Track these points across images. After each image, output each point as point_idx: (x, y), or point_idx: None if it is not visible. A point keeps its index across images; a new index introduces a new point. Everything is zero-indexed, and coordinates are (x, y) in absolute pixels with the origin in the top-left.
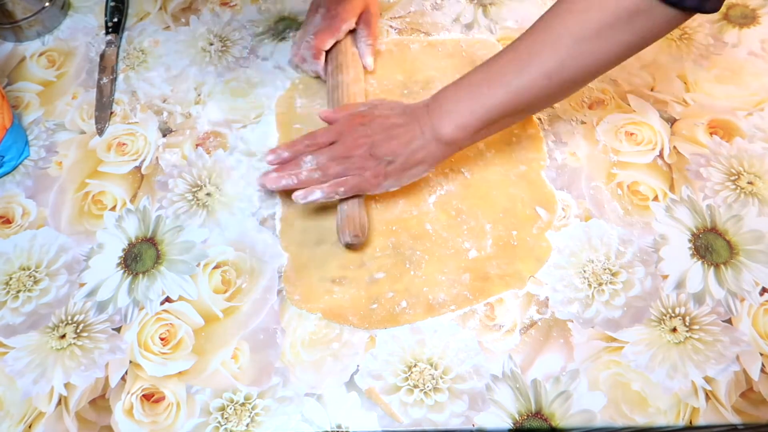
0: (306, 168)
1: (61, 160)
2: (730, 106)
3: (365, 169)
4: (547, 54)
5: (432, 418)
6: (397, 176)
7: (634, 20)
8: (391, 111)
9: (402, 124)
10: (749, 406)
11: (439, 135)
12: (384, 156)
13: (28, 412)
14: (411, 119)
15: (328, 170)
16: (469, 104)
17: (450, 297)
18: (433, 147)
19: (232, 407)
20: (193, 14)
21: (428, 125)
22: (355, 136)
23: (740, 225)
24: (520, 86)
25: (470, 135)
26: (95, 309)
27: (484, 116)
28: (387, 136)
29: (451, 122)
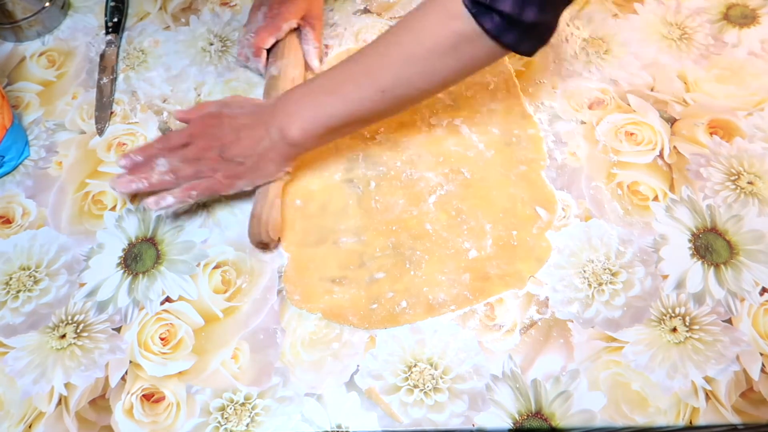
0: (158, 171)
1: (61, 160)
2: (730, 106)
3: (216, 171)
4: (382, 71)
5: (432, 418)
6: (249, 177)
7: (460, 47)
8: (240, 110)
9: (250, 125)
10: (749, 406)
11: (285, 136)
12: (234, 157)
13: (28, 412)
14: (258, 120)
15: (179, 173)
16: (312, 110)
17: (450, 297)
18: (281, 147)
19: (232, 407)
20: (193, 14)
21: (275, 126)
22: (206, 138)
23: (740, 225)
24: (356, 99)
25: (314, 139)
26: (95, 309)
27: (326, 123)
28: (236, 137)
29: (296, 125)
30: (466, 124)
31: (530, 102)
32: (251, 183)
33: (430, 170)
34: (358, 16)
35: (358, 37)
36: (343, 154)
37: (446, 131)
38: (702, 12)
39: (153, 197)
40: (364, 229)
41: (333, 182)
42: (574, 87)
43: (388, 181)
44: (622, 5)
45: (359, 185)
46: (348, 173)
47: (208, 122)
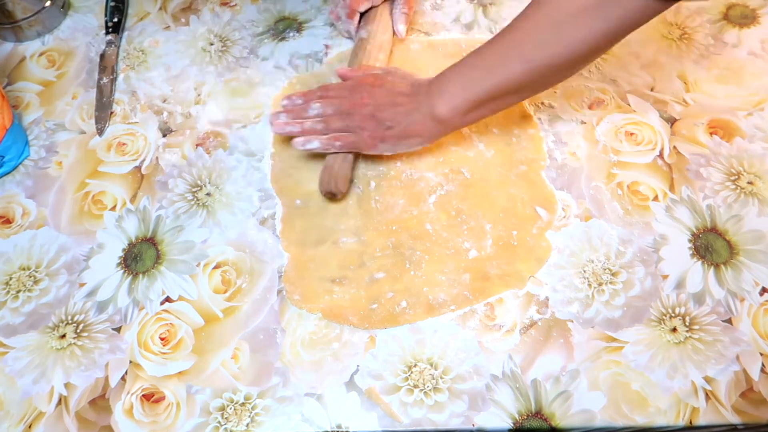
0: (311, 117)
1: (61, 160)
2: (730, 106)
3: (364, 129)
4: (526, 41)
5: (432, 418)
6: (393, 142)
7: (605, 5)
8: (402, 80)
9: (407, 94)
10: (749, 406)
11: (435, 113)
12: (384, 120)
13: (28, 412)
14: (416, 92)
15: (330, 123)
16: (459, 86)
17: (450, 297)
18: (429, 123)
19: (232, 407)
20: (193, 14)
21: (426, 102)
22: (362, 96)
23: (740, 225)
24: (502, 72)
25: (460, 116)
26: (95, 309)
27: (471, 98)
28: (391, 102)
29: (445, 103)
30: None
31: (530, 102)
32: (393, 149)
33: (430, 170)
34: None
35: None
36: None
37: None
38: (702, 12)
39: (301, 138)
40: (364, 229)
41: None
42: (574, 87)
43: (388, 181)
44: None
45: (359, 185)
46: None
47: (369, 81)
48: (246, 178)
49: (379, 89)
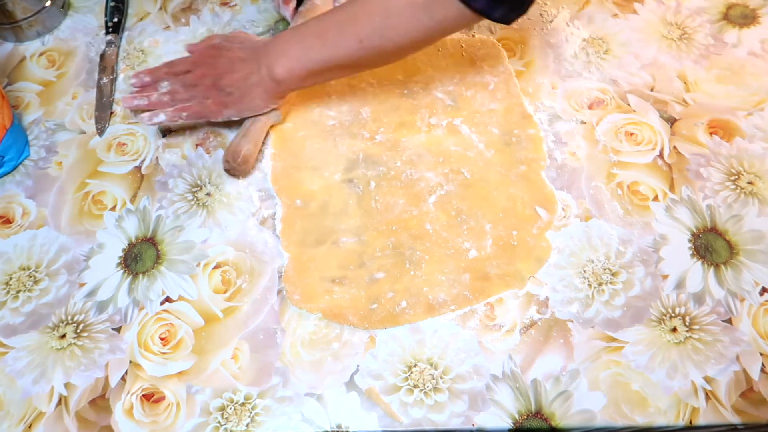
0: (159, 92)
1: (61, 160)
2: (730, 106)
3: (208, 98)
4: (363, 22)
5: (432, 418)
6: (236, 107)
7: (432, 6)
8: (240, 45)
9: (244, 59)
10: (749, 406)
11: (272, 74)
12: (225, 87)
13: (28, 412)
14: (252, 55)
15: (176, 95)
16: (297, 51)
17: (450, 297)
18: (267, 83)
19: (232, 407)
20: (193, 14)
21: (264, 63)
22: (204, 67)
23: (740, 225)
24: (338, 46)
25: (297, 79)
26: (95, 309)
27: (308, 66)
28: (230, 69)
29: (282, 65)
30: (466, 124)
31: (530, 102)
32: (237, 113)
33: (430, 170)
34: None
35: None
36: (343, 154)
37: (446, 131)
38: (702, 12)
39: (147, 113)
40: (364, 229)
41: (333, 182)
42: (574, 87)
43: (388, 181)
44: (622, 5)
45: (359, 185)
46: (348, 173)
47: (208, 53)
48: (246, 178)
49: (219, 59)
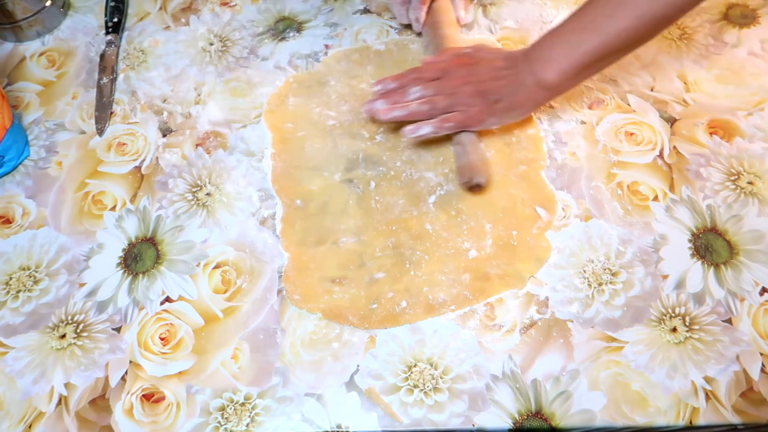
0: (414, 99)
1: (61, 160)
2: (730, 106)
3: (472, 106)
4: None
5: (432, 418)
6: (500, 115)
7: None
8: (495, 54)
9: (506, 67)
10: (749, 406)
11: (541, 80)
12: (491, 94)
13: (28, 412)
14: (513, 64)
15: (436, 103)
16: (566, 51)
17: (450, 297)
18: (535, 92)
19: (232, 407)
20: (193, 14)
21: (529, 71)
22: (462, 74)
23: (740, 225)
24: (612, 30)
25: (569, 79)
26: (95, 309)
27: (581, 61)
28: (494, 76)
29: (552, 69)
30: None
31: None
32: (499, 121)
33: (430, 170)
34: (358, 16)
35: (358, 37)
36: (343, 154)
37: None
38: (702, 12)
39: (411, 126)
40: (364, 229)
41: (333, 182)
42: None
43: (388, 181)
44: None
45: (359, 185)
46: (348, 173)
47: (463, 60)
48: (246, 178)
49: (477, 66)
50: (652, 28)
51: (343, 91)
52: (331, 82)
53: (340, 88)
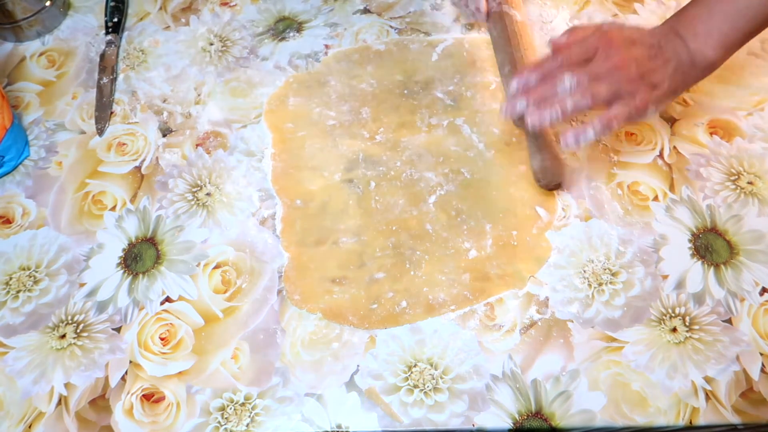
0: (566, 92)
1: (61, 160)
2: (730, 106)
3: (634, 95)
4: None
5: (432, 418)
6: (660, 103)
7: None
8: (638, 32)
9: (658, 47)
10: (749, 406)
11: (700, 58)
12: (652, 79)
13: (28, 412)
14: (664, 42)
15: (598, 94)
16: (728, 20)
17: (450, 297)
18: (690, 72)
19: (232, 407)
20: (193, 14)
21: (683, 48)
22: (621, 52)
23: (740, 225)
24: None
25: (731, 51)
26: (95, 309)
27: (747, 28)
28: (651, 58)
29: (711, 43)
30: (467, 124)
31: None
32: (657, 111)
33: (430, 170)
34: (358, 16)
35: (358, 37)
36: (343, 154)
37: (446, 131)
38: None
39: (571, 133)
40: (364, 229)
41: (333, 182)
42: None
43: (388, 181)
44: (622, 5)
45: (359, 185)
46: (348, 173)
47: (615, 37)
48: (246, 178)
49: (630, 45)
50: None
51: (343, 91)
52: (331, 82)
53: (340, 88)
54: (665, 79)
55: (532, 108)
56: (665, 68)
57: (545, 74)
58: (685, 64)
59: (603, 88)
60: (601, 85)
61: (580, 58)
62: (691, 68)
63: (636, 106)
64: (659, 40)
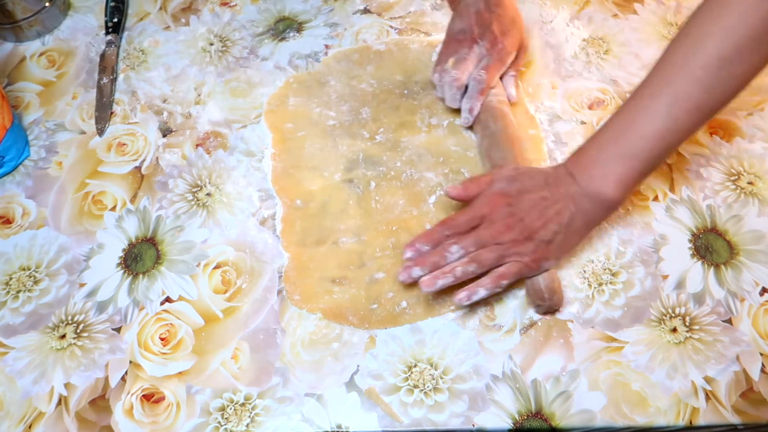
0: (455, 260)
1: (61, 160)
2: (730, 106)
3: (523, 254)
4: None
5: (432, 418)
6: (557, 254)
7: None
8: (535, 182)
9: (551, 198)
10: (749, 406)
11: (602, 201)
12: (542, 236)
13: (28, 412)
14: (557, 191)
15: (483, 261)
16: (622, 163)
17: (450, 297)
18: (593, 214)
19: (232, 407)
20: (193, 14)
21: (582, 194)
22: (503, 218)
23: (740, 225)
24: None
25: (632, 188)
26: (95, 309)
27: (644, 166)
28: (539, 214)
29: (611, 185)
30: None
31: (530, 102)
32: (557, 261)
33: (430, 170)
34: (358, 16)
35: (358, 37)
36: (343, 154)
37: (446, 131)
38: None
39: (464, 293)
40: (364, 229)
41: (333, 182)
42: (574, 87)
43: (388, 181)
44: (622, 5)
45: (359, 185)
46: (348, 173)
47: (500, 201)
48: (246, 178)
49: (518, 203)
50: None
51: (343, 91)
52: (331, 82)
53: (340, 88)
54: (559, 231)
55: (427, 277)
56: (559, 218)
57: (436, 244)
58: (584, 207)
59: (488, 254)
60: (486, 252)
61: (469, 226)
62: (592, 210)
63: (526, 265)
64: (552, 189)
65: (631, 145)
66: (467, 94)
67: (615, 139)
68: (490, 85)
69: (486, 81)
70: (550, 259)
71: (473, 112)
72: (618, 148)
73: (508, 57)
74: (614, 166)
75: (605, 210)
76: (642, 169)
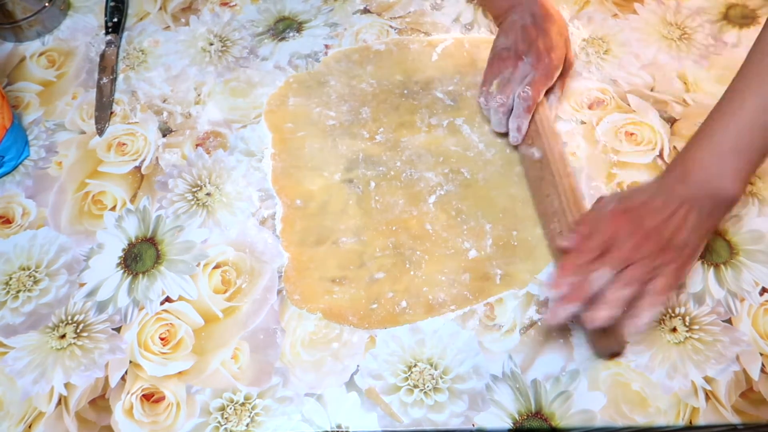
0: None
1: (61, 160)
2: None
3: (668, 264)
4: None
5: (432, 418)
6: (694, 255)
7: None
8: (647, 195)
9: (671, 204)
10: (749, 406)
11: (724, 196)
12: (677, 243)
13: (28, 412)
14: (672, 198)
15: (636, 279)
16: (737, 154)
17: (450, 297)
18: (717, 213)
19: (232, 407)
20: (193, 14)
21: (699, 195)
22: (633, 233)
23: (740, 225)
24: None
25: (748, 182)
26: (95, 309)
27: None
28: (666, 222)
29: (731, 179)
30: (467, 124)
31: None
32: (694, 262)
33: (430, 170)
34: (358, 16)
35: (358, 37)
36: (343, 154)
37: (446, 131)
38: (702, 12)
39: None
40: (364, 229)
41: (333, 182)
42: (574, 87)
43: (388, 181)
44: (622, 5)
45: (359, 185)
46: (348, 173)
47: (622, 218)
48: (246, 178)
49: (642, 216)
50: None
51: (343, 91)
52: (331, 82)
53: (340, 88)
54: (690, 236)
55: (590, 312)
56: (686, 222)
57: (580, 273)
58: (706, 208)
59: (637, 271)
60: (634, 270)
61: (599, 252)
62: (714, 209)
63: (674, 275)
64: (667, 196)
65: (741, 139)
66: (513, 113)
67: (722, 135)
68: (536, 101)
69: (532, 98)
70: (689, 264)
71: (521, 130)
72: (729, 143)
73: (554, 72)
74: (729, 161)
75: (727, 207)
76: (756, 161)
